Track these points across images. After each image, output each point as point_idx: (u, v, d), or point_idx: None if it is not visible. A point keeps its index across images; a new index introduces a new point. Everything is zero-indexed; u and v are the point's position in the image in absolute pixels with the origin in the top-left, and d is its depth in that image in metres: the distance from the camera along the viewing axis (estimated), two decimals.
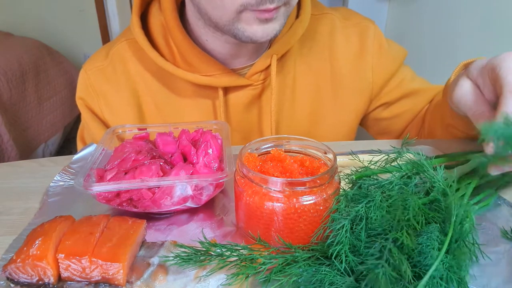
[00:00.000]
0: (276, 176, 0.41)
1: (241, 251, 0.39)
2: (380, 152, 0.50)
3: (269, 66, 0.70)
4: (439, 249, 0.34)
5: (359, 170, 0.47)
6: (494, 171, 0.44)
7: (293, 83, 0.75)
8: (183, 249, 0.39)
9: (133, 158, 0.49)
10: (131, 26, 0.70)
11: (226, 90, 0.72)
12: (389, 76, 0.79)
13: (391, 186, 0.41)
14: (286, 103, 0.76)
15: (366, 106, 0.81)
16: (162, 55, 0.69)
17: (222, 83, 0.69)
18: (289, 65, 0.74)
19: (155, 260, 0.39)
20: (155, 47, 0.70)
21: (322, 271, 0.35)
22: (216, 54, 0.70)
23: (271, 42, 0.72)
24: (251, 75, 0.71)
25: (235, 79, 0.69)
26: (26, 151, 2.20)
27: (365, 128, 0.91)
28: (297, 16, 0.73)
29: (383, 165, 0.47)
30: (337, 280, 0.35)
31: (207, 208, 0.51)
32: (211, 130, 0.58)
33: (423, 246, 0.34)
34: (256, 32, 0.58)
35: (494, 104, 0.48)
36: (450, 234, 0.35)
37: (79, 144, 0.82)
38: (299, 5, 0.73)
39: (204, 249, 0.39)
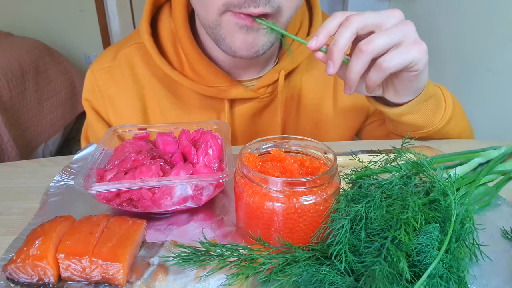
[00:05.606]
0: (276, 176, 0.41)
1: (241, 251, 0.39)
2: (380, 152, 0.50)
3: (276, 80, 0.71)
4: (439, 249, 0.34)
5: (359, 170, 0.47)
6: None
7: (299, 96, 0.76)
8: (183, 249, 0.39)
9: (133, 158, 0.49)
10: (140, 32, 0.70)
11: (232, 101, 0.72)
12: None
13: (391, 186, 0.41)
14: (291, 115, 0.77)
15: (363, 121, 0.84)
16: (170, 62, 0.69)
17: (229, 95, 0.69)
18: (296, 80, 0.75)
19: (155, 260, 0.39)
20: (164, 53, 0.70)
21: (322, 271, 0.35)
22: (221, 63, 0.70)
23: (279, 57, 0.73)
24: (258, 88, 0.71)
25: (242, 92, 0.70)
26: (26, 151, 2.20)
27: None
28: (308, 34, 0.73)
29: (383, 165, 0.47)
30: (337, 280, 0.35)
31: (207, 208, 0.51)
32: (211, 130, 0.58)
33: (422, 245, 0.34)
34: (235, 41, 0.58)
35: None
36: (449, 234, 0.35)
37: (83, 143, 0.82)
38: (310, 23, 0.73)
39: (204, 249, 0.39)
